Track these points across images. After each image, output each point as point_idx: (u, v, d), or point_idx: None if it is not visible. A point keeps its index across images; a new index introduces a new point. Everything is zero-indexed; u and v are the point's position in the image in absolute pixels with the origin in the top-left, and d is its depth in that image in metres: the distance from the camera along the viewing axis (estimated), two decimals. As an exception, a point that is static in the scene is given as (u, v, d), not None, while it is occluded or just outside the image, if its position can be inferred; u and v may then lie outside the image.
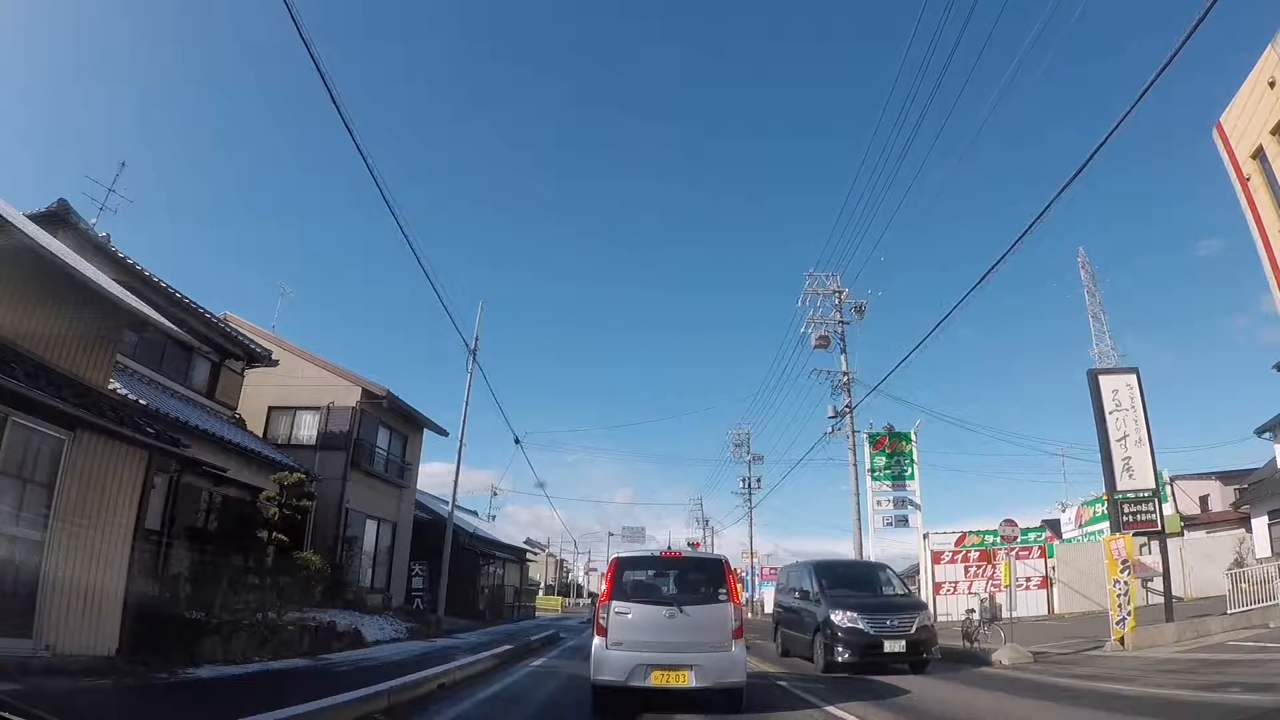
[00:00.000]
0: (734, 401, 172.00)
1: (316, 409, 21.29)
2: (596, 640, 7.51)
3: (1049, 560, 28.64)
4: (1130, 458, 15.75)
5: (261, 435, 20.05)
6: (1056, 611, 27.14)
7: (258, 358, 19.23)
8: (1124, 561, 14.33)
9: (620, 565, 8.03)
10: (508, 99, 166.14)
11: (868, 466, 29.51)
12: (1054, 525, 37.95)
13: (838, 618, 11.93)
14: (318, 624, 13.53)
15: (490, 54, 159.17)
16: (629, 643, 7.34)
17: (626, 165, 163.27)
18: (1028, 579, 27.93)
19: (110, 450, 8.61)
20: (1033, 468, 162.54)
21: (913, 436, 30.17)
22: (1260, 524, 24.73)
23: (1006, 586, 18.27)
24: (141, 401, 11.83)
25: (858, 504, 28.17)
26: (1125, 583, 14.11)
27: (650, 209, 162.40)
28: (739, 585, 8.76)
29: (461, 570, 26.58)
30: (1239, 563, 22.43)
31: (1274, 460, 26.00)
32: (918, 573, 35.76)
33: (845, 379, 29.30)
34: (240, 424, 18.77)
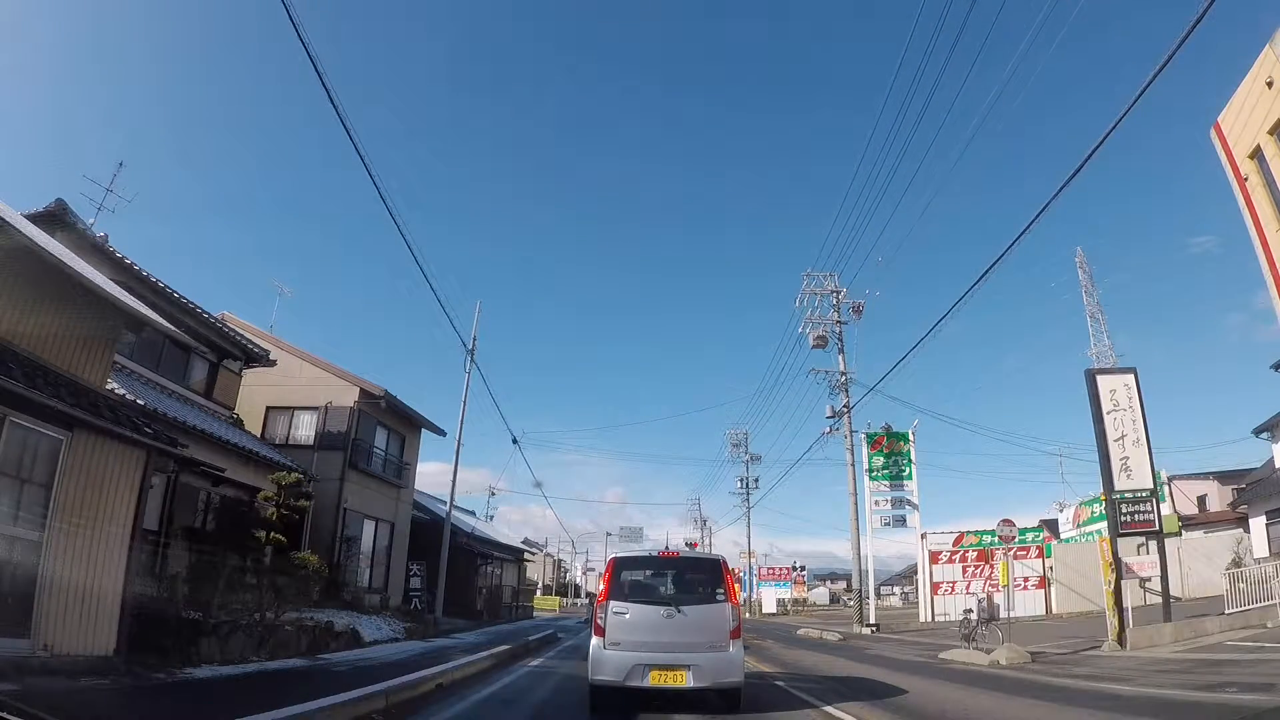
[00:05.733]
0: (732, 401, 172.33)
1: (314, 409, 21.25)
2: (594, 640, 7.50)
3: (1047, 560, 28.69)
4: (1128, 458, 15.78)
5: (259, 435, 20.02)
6: (1054, 611, 27.19)
7: (255, 358, 19.19)
8: (1121, 562, 14.36)
9: (618, 565, 8.02)
10: (511, 85, 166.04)
11: (865, 466, 29.56)
12: (1052, 525, 38.03)
13: None
14: (315, 624, 13.51)
15: (492, 36, 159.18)
16: (627, 643, 7.33)
17: (629, 156, 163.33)
18: (1025, 579, 27.97)
19: (108, 450, 8.59)
20: (1031, 468, 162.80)
21: (910, 436, 30.20)
22: (1258, 524, 24.75)
23: (1004, 586, 18.27)
24: (139, 401, 11.81)
25: (855, 504, 28.19)
26: (1116, 584, 14.14)
27: (650, 200, 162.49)
28: (736, 585, 8.76)
29: (459, 570, 26.56)
30: (1237, 563, 22.46)
31: (1272, 460, 26.03)
32: (916, 572, 35.79)
33: (843, 379, 29.32)
34: (238, 424, 18.73)
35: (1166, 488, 32.31)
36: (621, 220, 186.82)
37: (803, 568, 68.88)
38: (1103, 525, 21.78)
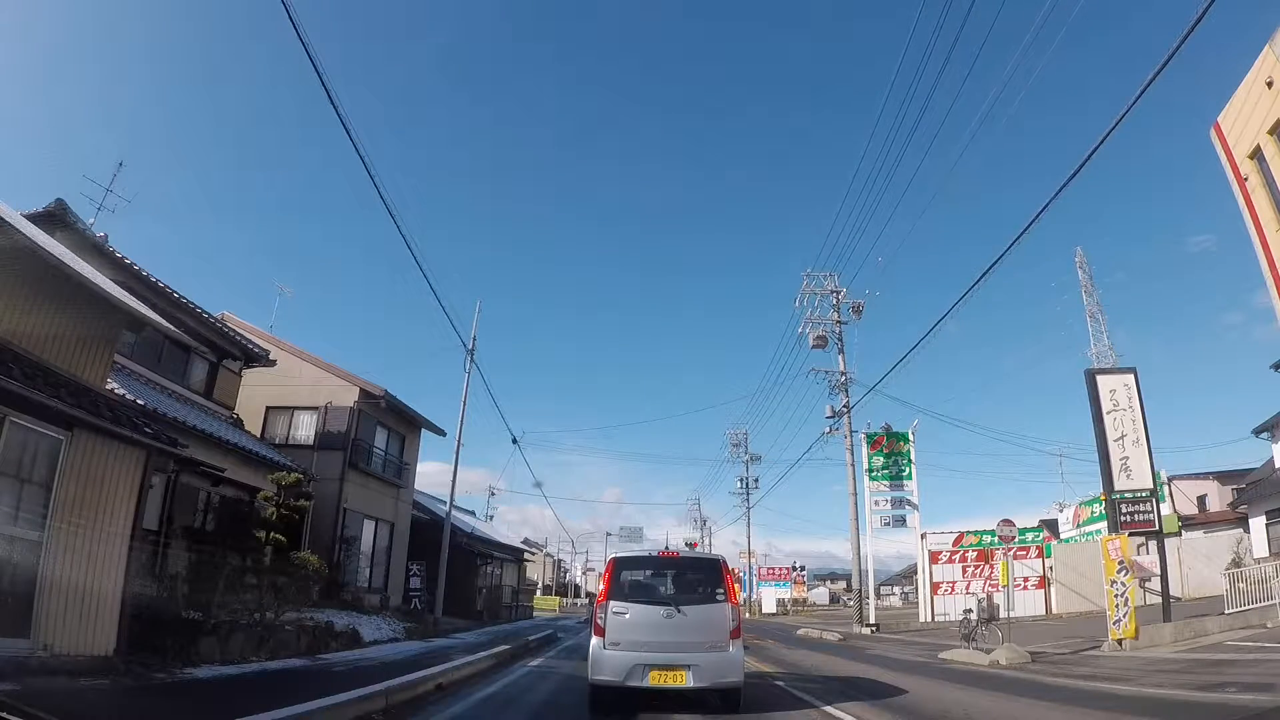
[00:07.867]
0: (732, 401, 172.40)
1: (314, 409, 21.26)
2: (594, 640, 7.50)
3: (1046, 560, 28.68)
4: (1128, 457, 15.78)
5: (259, 435, 20.02)
6: (1054, 611, 27.18)
7: (255, 357, 19.19)
8: (1121, 562, 14.36)
9: (618, 565, 8.01)
10: (511, 85, 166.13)
11: (865, 466, 29.53)
12: (1052, 525, 38.00)
13: None
14: (315, 624, 13.50)
15: (491, 37, 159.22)
16: (627, 643, 7.33)
17: (628, 155, 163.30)
18: (1025, 579, 27.96)
19: (108, 450, 8.58)
20: (1030, 468, 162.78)
21: (910, 436, 30.17)
22: (1258, 524, 24.76)
23: (1004, 586, 18.26)
24: (139, 401, 11.80)
25: (855, 504, 28.17)
26: (1123, 583, 14.13)
27: (650, 200, 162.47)
28: (736, 585, 8.75)
29: (459, 570, 26.55)
30: (1237, 563, 22.48)
31: (1271, 460, 26.03)
32: (916, 572, 35.79)
33: (843, 379, 29.32)
34: (238, 424, 18.73)
35: (1166, 488, 32.29)
36: (621, 220, 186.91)
37: (802, 568, 68.93)
38: (1103, 525, 21.80)
